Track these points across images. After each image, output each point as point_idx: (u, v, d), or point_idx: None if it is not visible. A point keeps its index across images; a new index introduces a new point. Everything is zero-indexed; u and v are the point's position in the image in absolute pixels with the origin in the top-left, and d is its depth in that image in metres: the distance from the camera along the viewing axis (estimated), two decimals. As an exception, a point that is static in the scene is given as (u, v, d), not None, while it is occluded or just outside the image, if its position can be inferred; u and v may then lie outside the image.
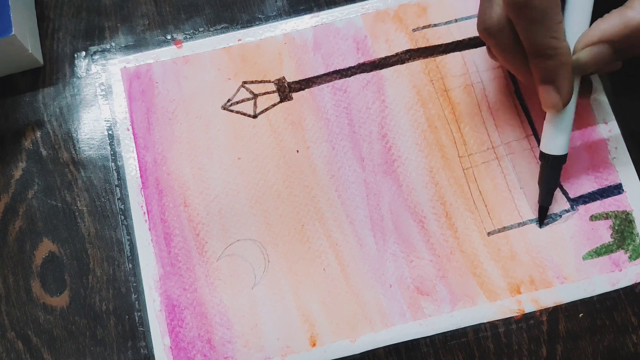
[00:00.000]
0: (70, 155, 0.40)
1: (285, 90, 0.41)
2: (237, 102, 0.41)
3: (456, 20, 0.41)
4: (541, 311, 0.36)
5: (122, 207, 0.39)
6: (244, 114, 0.40)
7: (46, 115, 0.41)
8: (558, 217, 0.38)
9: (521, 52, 0.33)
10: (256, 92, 0.41)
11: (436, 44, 0.41)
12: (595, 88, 0.39)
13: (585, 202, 0.38)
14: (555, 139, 0.35)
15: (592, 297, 0.36)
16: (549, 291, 0.37)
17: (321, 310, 0.37)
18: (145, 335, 0.37)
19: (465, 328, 0.36)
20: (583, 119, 0.39)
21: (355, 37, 0.41)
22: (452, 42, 0.41)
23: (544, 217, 0.37)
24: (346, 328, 0.36)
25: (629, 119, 0.39)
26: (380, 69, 0.41)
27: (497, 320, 0.36)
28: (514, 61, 0.34)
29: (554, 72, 0.32)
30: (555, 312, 0.36)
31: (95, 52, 0.42)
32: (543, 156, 0.36)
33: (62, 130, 0.41)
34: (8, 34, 0.37)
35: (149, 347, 0.37)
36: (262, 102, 0.40)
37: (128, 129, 0.40)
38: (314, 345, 0.36)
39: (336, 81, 0.41)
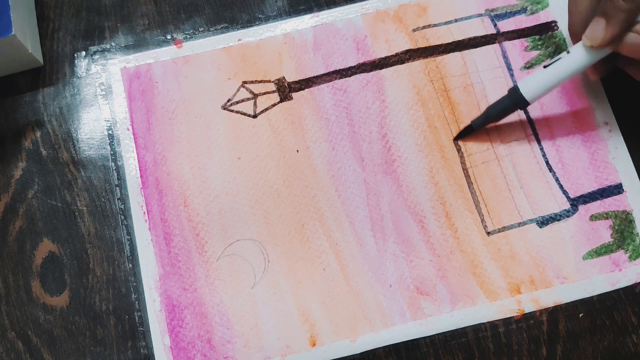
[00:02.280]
0: (70, 155, 0.40)
1: (285, 90, 0.41)
2: (237, 102, 0.41)
3: (456, 20, 0.41)
4: (541, 311, 0.36)
5: (122, 207, 0.39)
6: (244, 114, 0.40)
7: (46, 115, 0.41)
8: (558, 217, 0.38)
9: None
10: (256, 92, 0.41)
11: (436, 44, 0.41)
12: (596, 89, 0.39)
13: (585, 202, 0.38)
14: (538, 85, 0.35)
15: (592, 297, 0.36)
16: (549, 291, 0.37)
17: (321, 310, 0.37)
18: (145, 335, 0.37)
19: (465, 328, 0.36)
20: (583, 119, 0.39)
21: (355, 37, 0.41)
22: (452, 42, 0.41)
23: (464, 135, 0.39)
24: (346, 328, 0.36)
25: (629, 119, 0.39)
26: (380, 69, 0.41)
27: (497, 320, 0.36)
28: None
29: (617, 10, 0.32)
30: (555, 312, 0.36)
31: (95, 52, 0.42)
32: (514, 91, 0.36)
33: (62, 130, 0.41)
34: (8, 34, 0.37)
35: (149, 347, 0.37)
36: (262, 102, 0.40)
37: (128, 129, 0.40)
38: (314, 345, 0.36)
39: (336, 81, 0.41)
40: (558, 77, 0.35)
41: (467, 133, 0.39)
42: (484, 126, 0.38)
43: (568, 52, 0.35)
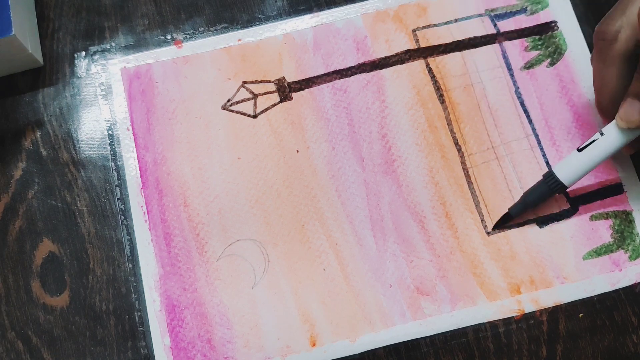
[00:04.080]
0: (70, 155, 0.40)
1: (285, 90, 0.41)
2: (237, 102, 0.41)
3: (456, 20, 0.41)
4: (541, 311, 0.36)
5: (122, 207, 0.39)
6: (244, 114, 0.40)
7: (46, 115, 0.41)
8: (558, 217, 0.38)
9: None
10: (256, 92, 0.41)
11: (436, 44, 0.41)
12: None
13: (585, 202, 0.38)
14: (574, 170, 0.34)
15: (592, 297, 0.36)
16: (549, 291, 0.37)
17: (321, 310, 0.37)
18: (145, 335, 0.37)
19: (465, 328, 0.36)
20: (583, 119, 0.39)
21: (355, 37, 0.41)
22: (452, 42, 0.41)
23: (503, 223, 0.37)
24: (346, 328, 0.36)
25: (629, 119, 0.39)
26: (380, 69, 0.41)
27: (497, 320, 0.36)
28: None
29: None
30: (555, 312, 0.36)
31: (95, 52, 0.42)
32: (551, 177, 0.35)
33: (62, 130, 0.41)
34: (8, 34, 0.37)
35: (149, 347, 0.37)
36: (262, 102, 0.40)
37: (128, 129, 0.40)
38: (314, 345, 0.36)
39: (336, 81, 0.41)
40: (594, 160, 0.34)
41: (506, 222, 0.37)
42: (522, 214, 0.37)
43: (602, 134, 0.34)
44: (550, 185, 0.35)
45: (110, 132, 0.40)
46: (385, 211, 0.38)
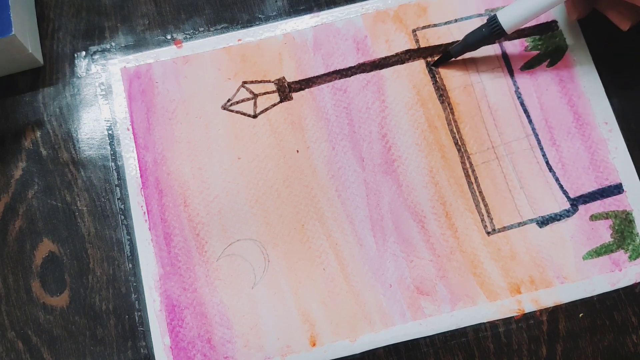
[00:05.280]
0: (70, 155, 0.40)
1: (285, 90, 0.41)
2: (237, 102, 0.41)
3: (456, 20, 0.41)
4: (541, 311, 0.36)
5: (122, 207, 0.39)
6: (244, 114, 0.40)
7: (46, 115, 0.41)
8: (558, 217, 0.38)
9: None
10: (256, 92, 0.41)
11: (436, 44, 0.41)
12: (596, 89, 0.39)
13: (585, 202, 0.38)
14: (516, 15, 0.36)
15: (592, 297, 0.37)
16: (549, 291, 0.37)
17: (321, 310, 0.37)
18: (145, 335, 0.37)
19: (465, 328, 0.36)
20: (583, 119, 0.39)
21: (355, 37, 0.41)
22: (452, 42, 0.41)
23: (442, 62, 0.40)
24: (346, 328, 0.36)
25: (629, 119, 0.39)
26: (380, 69, 0.41)
27: (497, 320, 0.36)
28: None
29: None
30: (555, 312, 0.36)
31: (95, 52, 0.42)
32: (493, 20, 0.37)
33: (62, 130, 0.41)
34: (8, 34, 0.37)
35: (149, 347, 0.37)
36: (262, 102, 0.40)
37: (128, 129, 0.40)
38: (314, 345, 0.36)
39: (336, 81, 0.41)
40: (536, 7, 0.36)
41: (445, 60, 0.40)
42: (462, 54, 0.39)
43: None
44: (491, 29, 0.37)
45: (110, 132, 0.40)
46: (385, 211, 0.38)
